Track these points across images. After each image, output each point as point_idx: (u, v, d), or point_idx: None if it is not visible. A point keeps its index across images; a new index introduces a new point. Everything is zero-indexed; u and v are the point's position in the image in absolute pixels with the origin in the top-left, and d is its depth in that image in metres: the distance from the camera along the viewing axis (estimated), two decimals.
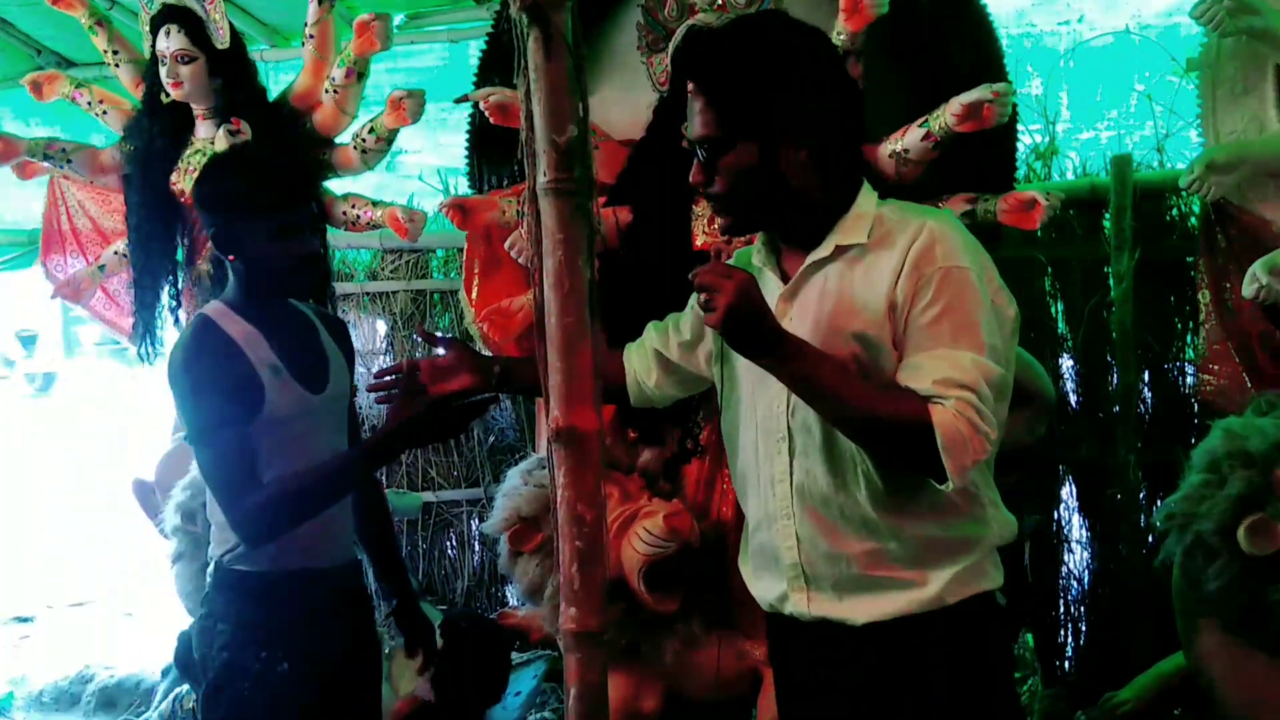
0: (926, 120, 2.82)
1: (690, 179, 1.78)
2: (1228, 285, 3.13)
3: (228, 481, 2.00)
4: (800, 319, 1.75)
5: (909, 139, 2.87)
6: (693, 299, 1.86)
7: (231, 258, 2.07)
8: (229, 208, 2.02)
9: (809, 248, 1.76)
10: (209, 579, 2.19)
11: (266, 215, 2.01)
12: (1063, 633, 3.93)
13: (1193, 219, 3.58)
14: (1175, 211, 3.68)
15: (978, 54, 2.96)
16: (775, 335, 1.63)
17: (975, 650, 1.79)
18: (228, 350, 2.05)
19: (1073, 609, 3.92)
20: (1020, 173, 3.52)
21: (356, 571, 2.31)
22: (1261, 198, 3.01)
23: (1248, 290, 2.71)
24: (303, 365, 2.12)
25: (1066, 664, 3.92)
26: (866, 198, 1.76)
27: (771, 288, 1.81)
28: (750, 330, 1.63)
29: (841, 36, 2.83)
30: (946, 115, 2.76)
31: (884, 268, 1.68)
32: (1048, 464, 3.79)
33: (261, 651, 1.95)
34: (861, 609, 1.77)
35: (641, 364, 2.14)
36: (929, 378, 1.60)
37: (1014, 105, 2.73)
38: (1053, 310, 3.83)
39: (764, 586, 1.92)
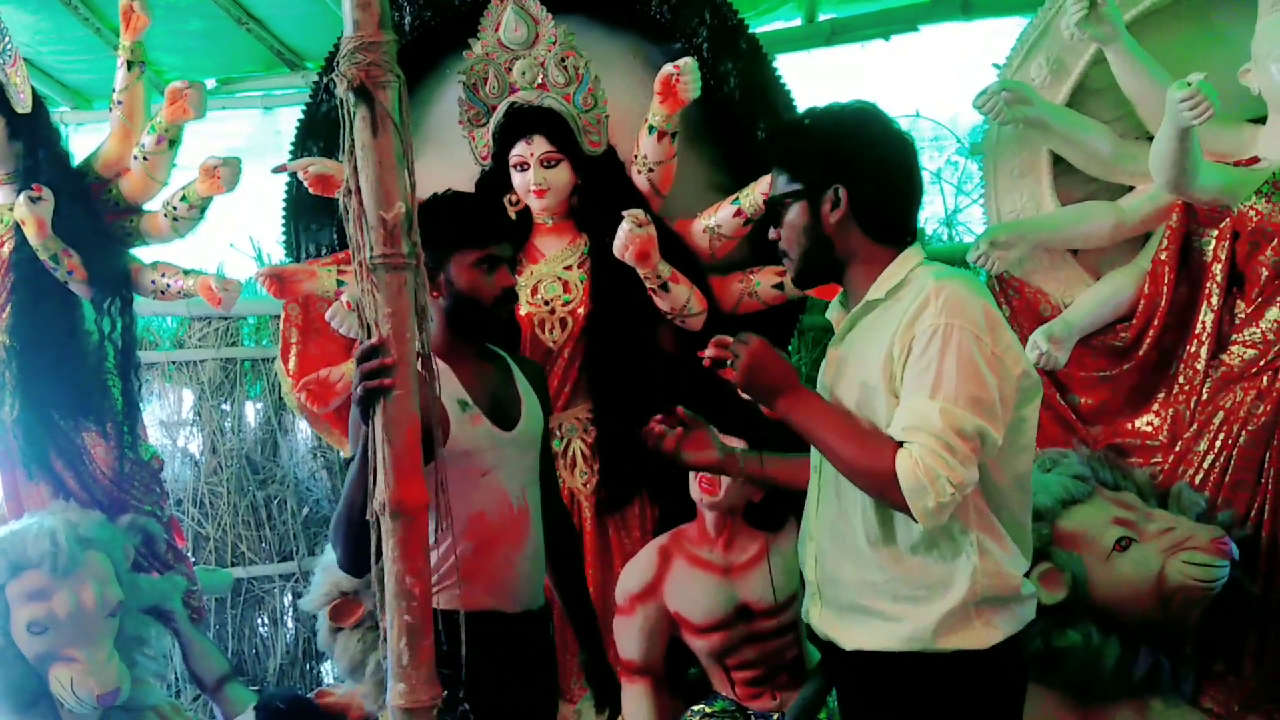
0: (738, 198, 2.97)
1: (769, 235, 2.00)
2: None
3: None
4: (835, 366, 1.95)
5: (721, 215, 3.01)
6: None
7: (436, 295, 2.15)
8: (439, 244, 2.10)
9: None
10: None
11: (474, 248, 2.14)
12: None
13: None
14: None
15: None
16: (781, 388, 1.87)
17: (956, 705, 1.82)
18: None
19: None
20: None
21: (544, 619, 2.30)
22: (1039, 271, 3.27)
23: (1029, 357, 2.93)
24: (493, 403, 2.18)
25: None
26: (906, 259, 1.89)
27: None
28: (762, 382, 1.87)
29: (657, 118, 2.96)
30: (755, 193, 2.91)
31: (890, 323, 1.82)
32: None
33: (443, 690, 1.83)
34: (851, 635, 1.89)
35: None
36: (901, 424, 1.74)
37: None
38: None
39: (804, 597, 2.06)
